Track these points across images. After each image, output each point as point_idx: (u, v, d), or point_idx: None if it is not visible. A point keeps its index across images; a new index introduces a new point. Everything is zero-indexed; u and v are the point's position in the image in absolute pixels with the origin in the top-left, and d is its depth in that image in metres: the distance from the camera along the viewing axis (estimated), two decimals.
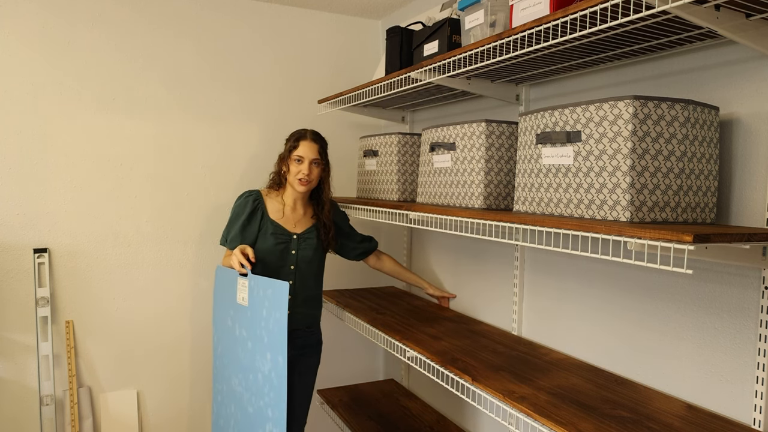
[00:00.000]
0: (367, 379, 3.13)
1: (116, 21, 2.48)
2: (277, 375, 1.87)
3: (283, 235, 2.13)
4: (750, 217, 1.30)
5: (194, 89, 2.64)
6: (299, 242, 2.15)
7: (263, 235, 2.12)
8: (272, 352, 1.88)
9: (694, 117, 1.24)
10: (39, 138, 2.37)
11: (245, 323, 1.98)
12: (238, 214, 2.14)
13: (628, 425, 1.25)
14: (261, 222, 2.13)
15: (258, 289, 1.92)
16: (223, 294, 2.09)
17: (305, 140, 2.12)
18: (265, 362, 1.91)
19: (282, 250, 2.11)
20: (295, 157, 2.10)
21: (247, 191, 2.18)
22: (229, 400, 2.09)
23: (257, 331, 1.93)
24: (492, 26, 1.60)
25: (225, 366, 2.10)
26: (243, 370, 2.01)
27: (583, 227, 1.19)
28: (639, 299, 1.57)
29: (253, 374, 1.96)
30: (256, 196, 2.17)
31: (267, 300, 1.89)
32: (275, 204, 2.17)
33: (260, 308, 1.92)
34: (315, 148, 2.12)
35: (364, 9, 2.87)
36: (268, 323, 1.89)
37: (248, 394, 1.99)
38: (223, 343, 2.10)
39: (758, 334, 1.26)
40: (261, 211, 2.14)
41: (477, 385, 1.50)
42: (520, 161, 1.52)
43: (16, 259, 2.36)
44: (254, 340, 1.95)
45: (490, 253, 2.21)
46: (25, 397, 2.39)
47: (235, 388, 2.05)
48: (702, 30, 1.26)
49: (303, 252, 2.15)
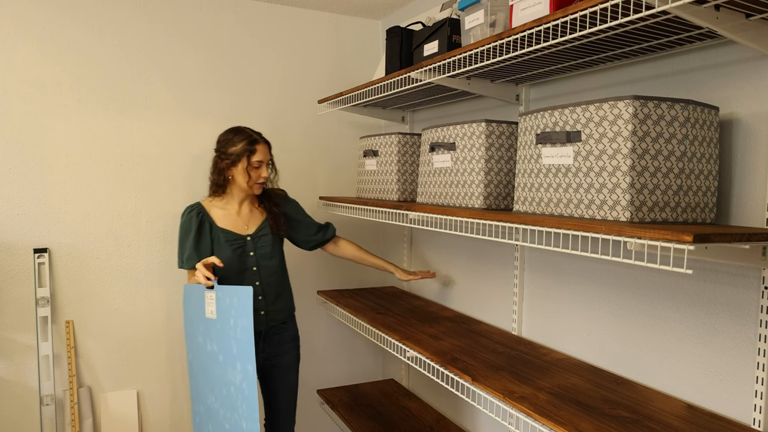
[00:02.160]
0: (367, 379, 3.13)
1: (116, 21, 2.48)
2: (248, 384, 1.83)
3: (236, 240, 2.08)
4: (750, 217, 1.30)
5: (194, 89, 2.64)
6: (255, 242, 2.11)
7: (217, 245, 2.07)
8: (241, 361, 1.84)
9: (694, 117, 1.24)
10: (39, 138, 2.37)
11: (215, 337, 1.94)
12: (186, 231, 2.07)
13: (628, 425, 1.25)
14: (212, 233, 2.08)
15: (224, 298, 1.88)
16: (192, 311, 2.04)
17: (260, 144, 2.06)
18: (236, 373, 1.87)
19: (240, 254, 2.08)
20: (255, 164, 2.04)
21: (188, 206, 2.11)
22: (207, 419, 2.03)
23: (227, 342, 1.89)
24: (492, 26, 1.60)
25: (201, 384, 2.04)
26: (218, 386, 1.95)
27: (583, 227, 1.19)
28: (639, 299, 1.57)
29: (226, 388, 1.92)
30: (199, 209, 2.10)
31: (233, 309, 1.85)
32: (220, 211, 2.11)
33: (228, 318, 1.88)
34: (267, 149, 2.09)
35: (364, 9, 2.87)
36: (236, 332, 1.85)
37: (224, 410, 1.95)
38: (197, 361, 2.04)
39: (758, 334, 1.26)
40: (208, 222, 2.08)
41: (477, 385, 1.50)
42: (520, 161, 1.52)
43: (16, 259, 2.36)
44: (224, 353, 1.90)
45: (490, 253, 2.21)
46: (25, 397, 2.40)
47: (211, 406, 2.00)
48: (702, 30, 1.26)
49: (261, 250, 2.12)
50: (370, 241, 3.09)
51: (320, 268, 2.98)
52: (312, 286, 2.94)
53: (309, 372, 2.98)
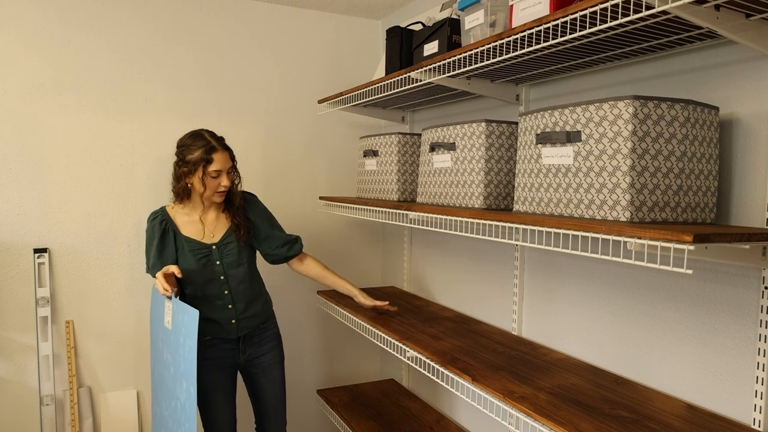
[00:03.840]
0: (367, 379, 3.13)
1: (116, 22, 2.48)
2: (190, 405, 1.76)
3: (201, 249, 2.01)
4: (750, 217, 1.30)
5: (194, 89, 2.64)
6: (220, 251, 2.03)
7: (182, 254, 1.99)
8: (186, 381, 1.79)
9: (694, 117, 1.24)
10: (39, 138, 2.37)
11: (170, 348, 1.89)
12: (150, 239, 2.01)
13: (628, 425, 1.25)
14: (176, 242, 2.00)
15: (178, 313, 1.83)
16: (156, 315, 2.00)
17: (217, 152, 1.93)
18: (182, 391, 1.82)
19: (205, 264, 2.00)
20: (212, 174, 1.93)
21: (153, 213, 2.04)
22: (160, 425, 2.01)
23: (178, 356, 1.84)
24: (492, 26, 1.60)
25: (157, 389, 2.01)
26: (168, 396, 1.92)
27: (583, 227, 1.19)
28: (639, 299, 1.57)
29: (175, 401, 1.87)
30: (162, 216, 2.02)
31: (183, 326, 1.80)
32: (185, 218, 2.04)
33: (178, 334, 1.83)
34: (227, 156, 1.97)
35: (364, 9, 2.87)
36: (183, 350, 1.80)
37: (171, 421, 1.91)
38: (156, 365, 2.01)
39: (758, 334, 1.26)
40: (172, 230, 2.00)
41: (477, 385, 1.50)
42: (520, 161, 1.52)
43: (16, 259, 2.36)
44: (175, 366, 1.86)
45: (490, 253, 2.21)
46: (25, 397, 2.40)
47: (163, 413, 1.97)
48: (702, 30, 1.26)
49: (227, 259, 2.04)
50: (371, 241, 3.09)
51: None
52: (312, 286, 2.94)
53: (309, 372, 2.98)
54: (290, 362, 2.93)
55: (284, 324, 2.87)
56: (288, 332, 2.90)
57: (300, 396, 2.97)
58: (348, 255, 3.05)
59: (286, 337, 2.90)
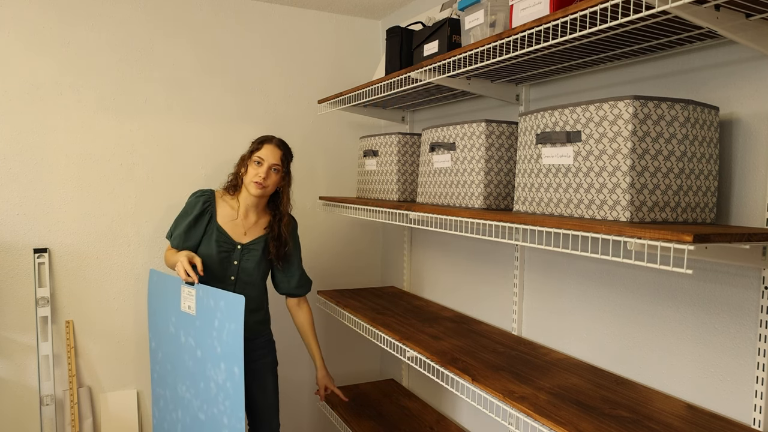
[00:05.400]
0: (367, 379, 3.13)
1: (116, 22, 2.48)
2: (233, 385, 1.81)
3: (226, 243, 2.05)
4: (750, 217, 1.30)
5: (194, 89, 2.64)
6: (242, 253, 2.07)
7: (207, 239, 2.04)
8: (227, 362, 1.82)
9: (694, 117, 1.24)
10: (39, 138, 2.37)
11: (192, 332, 1.91)
12: (186, 212, 2.06)
13: (628, 425, 1.25)
14: (207, 226, 2.05)
15: (207, 299, 1.85)
16: (161, 299, 2.01)
17: (269, 144, 2.06)
18: (219, 372, 1.85)
19: (223, 258, 2.04)
20: (256, 159, 2.03)
21: (201, 190, 2.11)
22: (175, 405, 2.03)
23: (207, 340, 1.87)
24: (492, 26, 1.60)
25: (168, 372, 2.03)
26: (191, 378, 1.95)
27: (583, 227, 1.19)
28: (639, 299, 1.57)
29: (205, 382, 1.90)
30: (208, 197, 2.09)
31: (219, 311, 1.82)
32: (227, 208, 2.09)
33: (211, 319, 1.85)
34: (278, 154, 2.05)
35: (364, 9, 2.87)
36: (221, 334, 1.83)
37: (198, 401, 1.93)
38: (164, 349, 2.03)
39: (758, 334, 1.26)
40: (210, 214, 2.06)
41: (477, 385, 1.50)
42: (520, 161, 1.52)
43: (16, 259, 2.36)
44: (204, 349, 1.88)
45: (490, 253, 2.21)
46: (25, 397, 2.40)
47: (182, 395, 1.99)
48: (702, 30, 1.26)
49: (245, 264, 2.07)
50: (371, 241, 3.09)
51: (320, 268, 2.98)
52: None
53: (309, 372, 2.98)
54: (290, 362, 2.93)
55: (284, 324, 2.87)
56: (288, 332, 2.90)
57: (300, 396, 2.97)
58: (348, 255, 3.05)
59: (286, 336, 2.90)
